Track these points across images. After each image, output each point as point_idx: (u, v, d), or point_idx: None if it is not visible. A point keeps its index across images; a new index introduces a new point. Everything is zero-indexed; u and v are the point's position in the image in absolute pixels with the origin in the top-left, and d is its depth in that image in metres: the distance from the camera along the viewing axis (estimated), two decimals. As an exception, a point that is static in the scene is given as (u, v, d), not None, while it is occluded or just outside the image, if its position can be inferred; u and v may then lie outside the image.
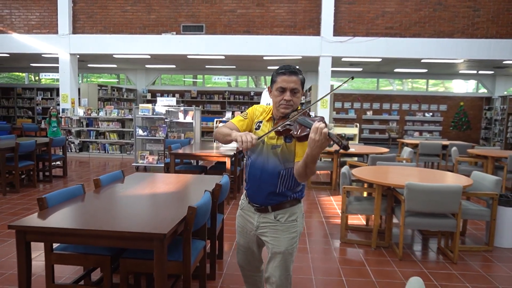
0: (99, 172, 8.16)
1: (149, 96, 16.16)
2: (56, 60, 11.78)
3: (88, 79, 18.02)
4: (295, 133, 1.80)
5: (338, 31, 10.15)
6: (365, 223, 4.93)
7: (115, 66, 15.32)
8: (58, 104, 15.70)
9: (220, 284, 3.18)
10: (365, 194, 4.75)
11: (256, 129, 2.09)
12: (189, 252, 2.40)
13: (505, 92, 15.37)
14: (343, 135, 1.58)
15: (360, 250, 4.04)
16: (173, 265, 2.39)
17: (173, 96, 15.89)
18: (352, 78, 2.49)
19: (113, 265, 2.51)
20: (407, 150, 6.53)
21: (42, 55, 11.72)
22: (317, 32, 10.17)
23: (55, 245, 2.57)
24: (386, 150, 6.78)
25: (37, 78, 17.50)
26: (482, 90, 15.98)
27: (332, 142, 1.66)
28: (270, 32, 10.36)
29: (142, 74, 16.43)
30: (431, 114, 15.80)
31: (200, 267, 2.83)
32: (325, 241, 4.27)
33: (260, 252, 2.29)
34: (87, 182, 7.01)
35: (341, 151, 1.73)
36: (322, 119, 1.74)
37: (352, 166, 5.10)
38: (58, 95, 16.00)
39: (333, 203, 5.94)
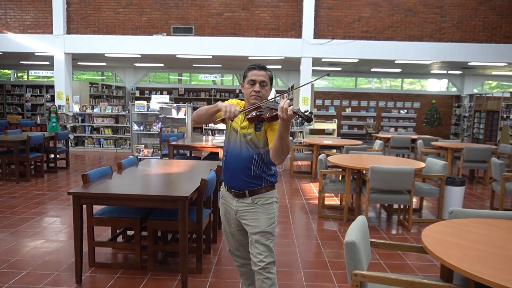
0: (97, 164, 8.80)
1: (137, 93, 16.72)
2: (45, 58, 12.26)
3: (74, 77, 18.43)
4: (266, 116, 2.07)
5: (318, 34, 10.98)
6: (339, 203, 5.77)
7: (104, 64, 15.82)
8: (48, 101, 16.20)
9: (220, 246, 3.94)
10: (340, 178, 5.58)
11: (231, 120, 2.31)
12: (201, 215, 3.16)
13: (475, 90, 16.54)
14: (307, 110, 1.93)
15: (335, 222, 4.86)
16: (190, 224, 3.14)
17: (161, 93, 16.48)
18: (328, 74, 3.25)
19: (141, 225, 3.26)
20: (378, 143, 7.40)
21: (35, 54, 12.18)
22: (298, 35, 10.98)
23: (94, 211, 3.30)
24: (359, 142, 7.64)
25: (21, 74, 17.79)
26: (453, 89, 17.10)
27: (297, 116, 1.90)
28: (255, 34, 11.11)
29: (131, 72, 16.97)
30: (405, 111, 16.83)
31: (206, 229, 3.59)
32: (306, 217, 5.08)
33: (246, 238, 2.42)
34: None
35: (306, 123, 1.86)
36: (287, 101, 1.96)
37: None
38: (47, 92, 16.48)
39: (313, 188, 6.77)
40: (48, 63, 15.07)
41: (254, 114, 2.15)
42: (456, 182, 4.94)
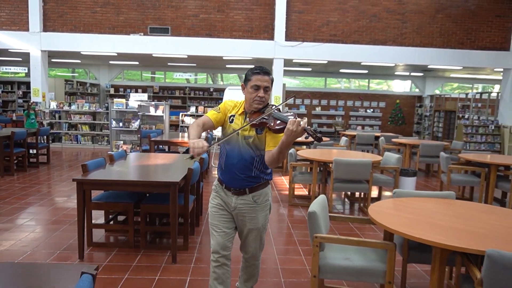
0: (76, 159, 9.07)
1: (112, 91, 16.87)
2: (18, 54, 12.28)
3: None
4: (271, 125, 2.12)
5: (289, 36, 11.58)
6: (307, 193, 6.38)
7: (79, 61, 15.90)
8: (20, 97, 16.12)
9: (202, 229, 4.44)
10: (308, 170, 6.18)
11: (230, 122, 2.36)
12: (188, 199, 3.66)
13: (437, 91, 17.63)
14: (315, 129, 1.95)
15: (303, 209, 5.46)
16: (178, 207, 3.63)
17: (136, 91, 16.72)
18: (294, 97, 3.80)
19: (134, 209, 3.72)
20: (343, 139, 8.07)
21: (9, 50, 12.21)
22: (271, 37, 11.55)
23: (92, 197, 3.74)
24: (327, 139, 8.29)
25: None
26: (416, 90, 18.15)
27: (307, 134, 1.95)
28: (230, 36, 11.60)
29: (105, 69, 17.10)
30: (372, 110, 17.75)
31: (191, 213, 4.09)
32: (277, 205, 5.65)
33: (234, 234, 2.48)
34: (70, 168, 7.98)
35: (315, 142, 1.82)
36: (295, 115, 2.08)
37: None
38: (19, 88, 16.38)
39: (284, 181, 7.37)
40: (20, 59, 15.05)
41: (259, 120, 2.19)
42: (409, 173, 5.63)
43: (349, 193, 6.32)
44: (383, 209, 2.78)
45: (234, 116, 2.36)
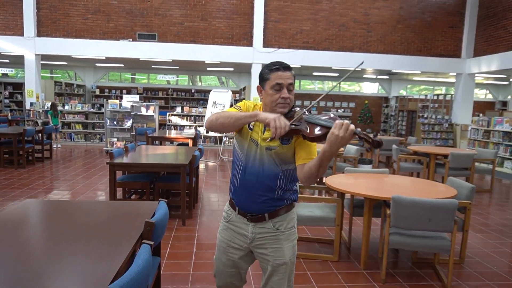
0: (73, 155, 9.98)
1: (97, 92, 17.66)
2: (5, 56, 12.98)
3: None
4: (308, 132, 1.68)
5: (266, 43, 12.76)
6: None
7: (65, 63, 16.63)
8: (6, 97, 16.72)
9: (200, 206, 5.56)
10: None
11: (249, 129, 1.88)
12: (192, 178, 4.78)
13: (404, 92, 19.20)
14: (369, 132, 1.72)
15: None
16: (186, 184, 4.74)
17: (121, 92, 17.57)
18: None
19: (150, 187, 4.81)
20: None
21: (1, 53, 12.90)
22: (250, 44, 12.70)
23: (117, 177, 4.80)
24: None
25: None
26: (382, 91, 19.70)
27: (359, 140, 1.60)
28: (212, 42, 12.68)
29: (91, 71, 17.86)
30: (342, 110, 19.16)
31: (192, 190, 5.20)
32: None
33: (246, 272, 2.07)
34: (71, 162, 8.92)
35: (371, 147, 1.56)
36: (335, 116, 1.70)
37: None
38: (5, 89, 16.96)
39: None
40: (7, 61, 15.67)
41: (288, 127, 1.70)
42: (365, 161, 6.91)
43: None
44: (336, 180, 3.98)
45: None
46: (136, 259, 1.58)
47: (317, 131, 1.66)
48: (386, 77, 18.03)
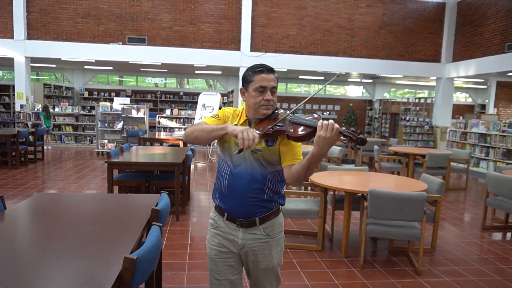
0: (64, 156, 10.16)
1: (86, 94, 17.77)
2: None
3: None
4: (292, 132, 1.71)
5: (254, 47, 13.11)
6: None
7: (54, 66, 16.72)
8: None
9: (192, 203, 5.85)
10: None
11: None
12: (185, 176, 5.07)
13: (388, 95, 19.75)
14: (354, 130, 1.62)
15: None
16: (179, 182, 5.03)
17: (109, 94, 17.72)
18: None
19: (145, 185, 5.09)
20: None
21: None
22: (237, 48, 13.03)
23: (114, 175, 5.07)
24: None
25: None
26: (366, 95, 20.23)
27: (344, 138, 1.59)
28: (201, 46, 12.98)
29: (79, 73, 17.97)
30: (328, 112, 19.62)
31: (185, 188, 5.50)
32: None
33: (241, 277, 2.03)
34: (62, 163, 9.11)
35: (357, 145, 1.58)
36: (319, 116, 1.72)
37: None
38: (-7, 91, 16.97)
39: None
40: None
41: (269, 129, 1.75)
42: (348, 161, 7.28)
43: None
44: (320, 176, 4.32)
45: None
46: (149, 236, 1.89)
47: (301, 130, 1.69)
48: (370, 80, 18.55)
